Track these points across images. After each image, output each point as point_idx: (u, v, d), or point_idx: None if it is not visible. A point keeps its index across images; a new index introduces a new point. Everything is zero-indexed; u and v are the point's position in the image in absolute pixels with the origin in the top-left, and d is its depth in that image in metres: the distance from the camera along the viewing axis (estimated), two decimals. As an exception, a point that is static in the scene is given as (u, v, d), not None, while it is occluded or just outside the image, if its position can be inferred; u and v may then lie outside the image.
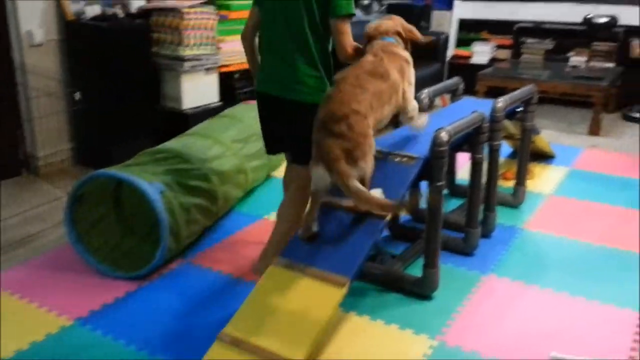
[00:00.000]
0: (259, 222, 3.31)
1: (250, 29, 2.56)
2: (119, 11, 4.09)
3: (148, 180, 2.64)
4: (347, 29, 2.35)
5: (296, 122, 2.40)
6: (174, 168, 2.87)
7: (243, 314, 2.13)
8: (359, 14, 6.21)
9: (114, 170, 2.71)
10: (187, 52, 4.04)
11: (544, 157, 4.36)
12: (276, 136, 2.59)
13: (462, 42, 6.61)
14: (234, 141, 3.38)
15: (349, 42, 2.36)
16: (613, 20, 5.95)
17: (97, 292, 2.57)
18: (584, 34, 6.12)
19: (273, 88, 2.47)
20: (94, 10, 4.00)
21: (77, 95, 3.96)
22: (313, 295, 2.11)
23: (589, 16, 6.05)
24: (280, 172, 3.97)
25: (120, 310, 2.45)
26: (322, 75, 2.42)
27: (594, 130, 5.13)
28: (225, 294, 2.57)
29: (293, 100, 2.42)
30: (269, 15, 2.44)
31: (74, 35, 3.96)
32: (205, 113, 4.13)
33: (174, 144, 3.18)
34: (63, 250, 2.92)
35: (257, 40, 2.58)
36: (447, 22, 6.26)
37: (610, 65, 5.95)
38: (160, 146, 3.13)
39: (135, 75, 4.02)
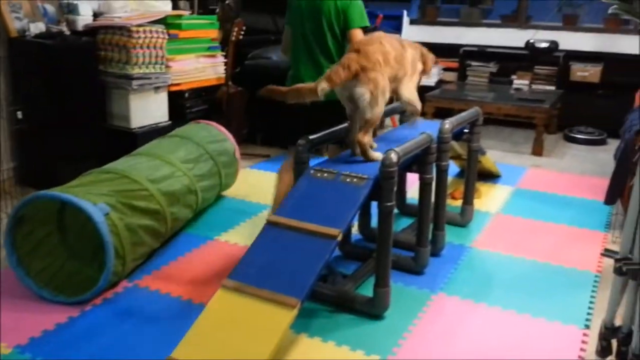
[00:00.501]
0: (210, 243, 3.26)
1: (287, 45, 3.23)
2: (64, 28, 4.00)
3: (92, 201, 2.56)
4: (361, 37, 2.90)
5: (321, 114, 2.86)
6: (120, 189, 2.80)
7: (191, 338, 2.08)
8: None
9: (57, 191, 2.62)
10: (135, 71, 3.98)
11: (491, 176, 4.47)
12: (302, 128, 2.90)
13: (411, 65, 6.74)
14: (183, 161, 3.32)
15: None
16: (553, 45, 6.20)
17: (38, 317, 2.47)
18: (527, 58, 6.35)
19: None
20: (38, 27, 3.89)
21: (19, 114, 3.84)
22: (263, 317, 2.09)
23: (530, 41, 6.28)
24: (231, 192, 3.95)
25: (62, 336, 2.36)
26: None
27: (537, 150, 5.30)
28: (173, 317, 2.51)
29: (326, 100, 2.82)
30: (299, 33, 3.07)
31: (18, 52, 3.85)
32: (154, 132, 4.06)
33: (120, 164, 3.11)
34: (3, 274, 2.80)
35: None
36: (396, 45, 6.37)
37: (552, 88, 6.18)
38: (107, 166, 3.06)
39: (81, 94, 3.92)
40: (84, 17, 4.10)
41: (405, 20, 6.40)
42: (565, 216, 3.77)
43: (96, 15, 4.19)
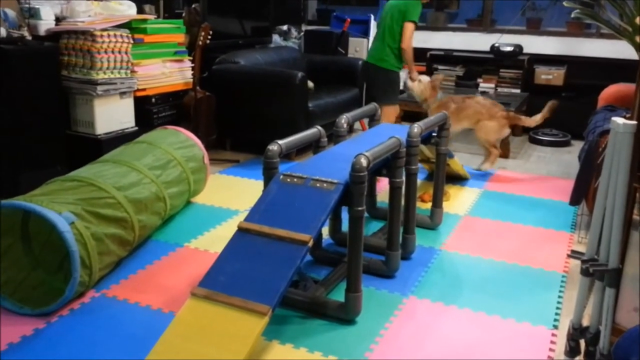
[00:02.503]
0: (179, 250, 3.22)
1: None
2: (26, 33, 3.91)
3: (57, 210, 2.51)
4: (412, 30, 4.52)
5: (380, 78, 4.73)
6: (85, 197, 2.74)
7: (161, 348, 2.04)
8: (277, 39, 6.25)
9: (20, 200, 2.55)
10: (100, 76, 3.91)
11: (459, 179, 4.51)
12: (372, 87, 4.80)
13: (379, 68, 6.77)
14: (151, 168, 3.27)
15: (409, 38, 4.53)
16: (518, 49, 6.30)
17: (3, 330, 2.40)
18: (492, 62, 6.45)
19: (373, 60, 4.75)
20: (-2, 32, 3.80)
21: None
22: (234, 325, 2.07)
23: (495, 45, 6.37)
24: (200, 198, 3.91)
25: (28, 349, 2.29)
26: (397, 54, 4.63)
27: (504, 152, 5.37)
28: (142, 327, 2.46)
29: (380, 67, 4.68)
30: (381, 25, 4.71)
31: (-23, 58, 3.74)
32: (120, 138, 4.00)
33: (86, 171, 3.04)
34: (-37, 287, 2.71)
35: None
36: (363, 49, 6.40)
37: (517, 91, 6.28)
38: (71, 174, 2.99)
39: (44, 100, 3.83)
40: (46, 22, 4.01)
41: (373, 24, 6.45)
42: (531, 217, 3.83)
43: (59, 19, 4.10)
